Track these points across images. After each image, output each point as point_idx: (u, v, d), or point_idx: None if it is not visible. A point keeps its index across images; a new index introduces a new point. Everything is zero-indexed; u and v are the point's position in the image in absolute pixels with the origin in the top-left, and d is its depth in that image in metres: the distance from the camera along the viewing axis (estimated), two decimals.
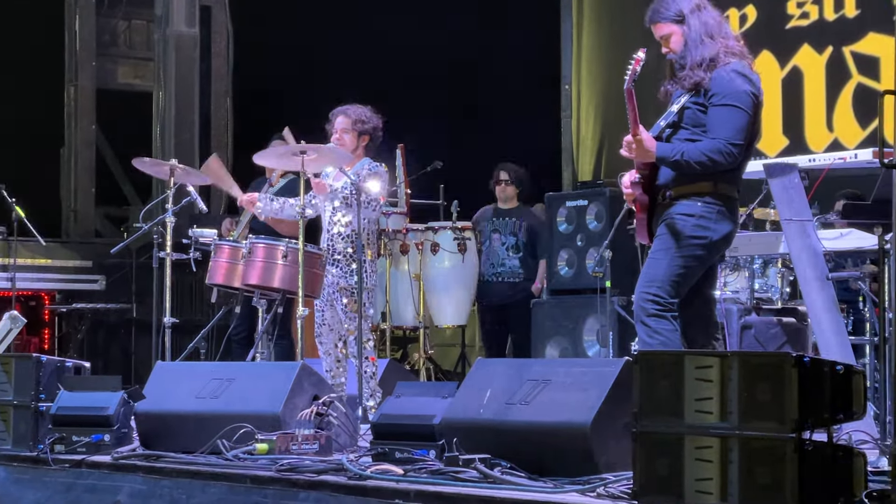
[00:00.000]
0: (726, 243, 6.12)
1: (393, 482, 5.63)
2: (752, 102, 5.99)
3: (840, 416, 4.65)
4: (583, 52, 11.99)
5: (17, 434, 7.18)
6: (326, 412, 6.64)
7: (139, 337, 13.05)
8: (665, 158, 6.07)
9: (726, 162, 5.94)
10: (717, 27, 6.16)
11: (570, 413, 5.66)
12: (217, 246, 8.77)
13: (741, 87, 5.99)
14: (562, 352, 10.19)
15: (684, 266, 6.03)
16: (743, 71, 6.04)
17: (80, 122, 14.11)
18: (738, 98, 5.97)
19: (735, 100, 5.97)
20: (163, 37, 14.17)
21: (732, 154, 5.94)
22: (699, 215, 6.01)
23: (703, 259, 6.07)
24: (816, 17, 10.12)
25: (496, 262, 10.85)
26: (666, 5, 6.28)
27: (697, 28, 6.15)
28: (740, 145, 5.95)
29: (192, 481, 6.28)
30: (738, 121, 5.97)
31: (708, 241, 6.02)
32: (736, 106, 5.97)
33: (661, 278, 6.03)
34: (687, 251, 6.03)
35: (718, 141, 5.96)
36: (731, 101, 5.98)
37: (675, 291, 6.03)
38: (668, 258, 6.05)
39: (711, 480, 4.70)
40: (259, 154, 8.43)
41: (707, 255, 6.07)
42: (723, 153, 5.94)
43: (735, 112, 5.97)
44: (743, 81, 6.00)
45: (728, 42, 6.14)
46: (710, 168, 5.96)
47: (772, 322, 8.27)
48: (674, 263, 6.04)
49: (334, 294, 8.33)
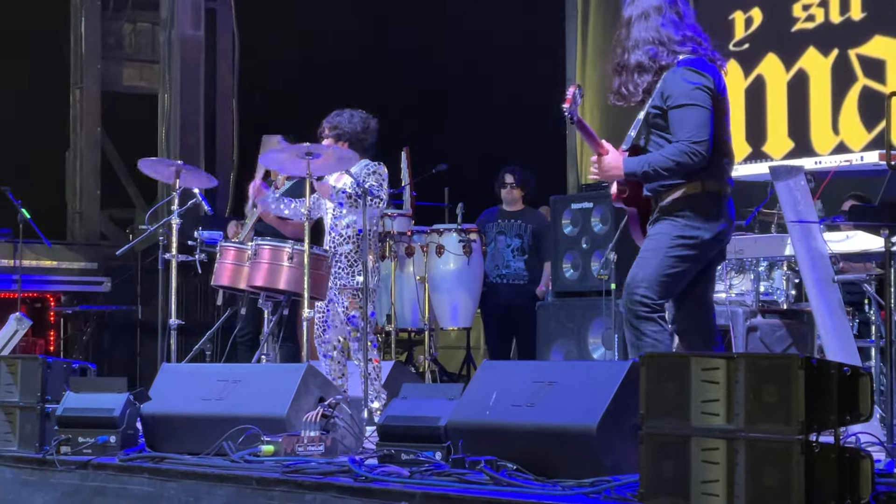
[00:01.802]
0: (719, 242, 6.05)
1: (399, 484, 5.63)
2: (703, 95, 5.94)
3: (847, 418, 4.65)
4: (587, 53, 12.00)
5: (22, 435, 7.19)
6: (332, 414, 6.64)
7: (145, 338, 13.06)
8: (634, 173, 6.06)
9: (694, 161, 5.90)
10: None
11: (576, 415, 5.66)
12: (223, 248, 8.78)
13: (691, 82, 5.95)
14: (567, 354, 10.19)
15: (673, 266, 5.97)
16: (692, 66, 6.01)
17: (85, 125, 14.12)
18: (693, 95, 5.94)
19: (686, 98, 5.93)
20: (168, 39, 14.18)
21: (698, 152, 5.89)
22: (689, 216, 5.98)
23: (695, 259, 6.00)
24: (822, 19, 10.12)
25: (501, 265, 10.86)
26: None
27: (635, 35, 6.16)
28: (703, 141, 5.89)
29: (198, 483, 6.28)
30: (693, 118, 5.92)
31: (698, 241, 5.98)
32: (687, 104, 5.93)
33: (649, 279, 5.97)
34: (676, 251, 5.98)
35: (681, 143, 5.92)
36: (683, 101, 5.94)
37: (663, 292, 5.97)
38: (658, 258, 5.99)
39: (718, 482, 4.70)
40: (263, 156, 8.43)
41: (698, 255, 6.00)
42: (687, 154, 5.89)
43: (688, 110, 5.93)
44: (692, 77, 5.97)
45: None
46: (679, 172, 5.93)
47: (777, 324, 8.27)
48: (663, 264, 5.98)
49: (336, 295, 8.34)
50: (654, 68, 6.04)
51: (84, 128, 14.12)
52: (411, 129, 12.30)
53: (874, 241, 7.28)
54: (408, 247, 10.61)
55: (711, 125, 5.92)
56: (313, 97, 13.18)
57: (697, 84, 5.93)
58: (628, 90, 6.10)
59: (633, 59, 6.09)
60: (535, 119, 12.71)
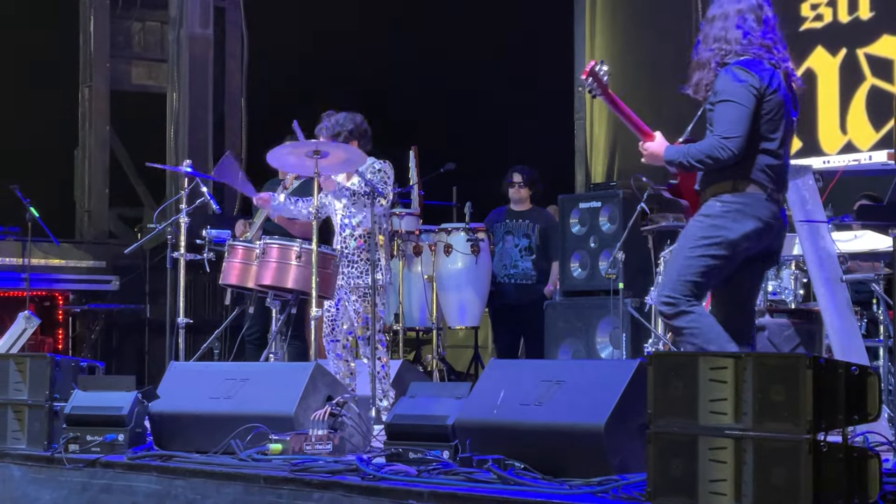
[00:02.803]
0: (749, 241, 5.97)
1: (407, 483, 5.64)
2: (745, 93, 5.96)
3: (855, 417, 4.64)
4: (596, 53, 12.00)
5: (31, 433, 7.20)
6: (340, 412, 6.65)
7: (153, 337, 13.07)
8: (672, 161, 6.10)
9: (724, 157, 5.91)
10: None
11: (584, 414, 5.66)
12: (231, 246, 8.79)
13: (737, 79, 5.98)
14: (575, 353, 10.20)
15: (698, 266, 5.96)
16: (743, 65, 6.04)
17: (94, 124, 14.13)
18: (733, 92, 5.96)
19: (732, 94, 5.97)
20: (177, 38, 14.19)
21: (727, 148, 5.91)
22: (715, 215, 5.97)
23: (722, 258, 5.95)
24: (830, 19, 10.12)
25: (509, 264, 10.86)
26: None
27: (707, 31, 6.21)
28: (734, 138, 5.91)
29: (206, 481, 6.29)
30: (729, 115, 5.95)
31: (723, 240, 5.94)
32: (731, 101, 5.96)
33: (672, 281, 5.99)
34: (700, 251, 5.97)
35: (714, 137, 5.97)
36: (724, 97, 5.98)
37: (689, 291, 5.94)
38: (681, 258, 6.01)
39: (726, 481, 4.70)
40: (272, 154, 8.43)
41: (726, 255, 5.95)
42: (717, 148, 5.92)
43: (726, 106, 5.97)
44: (740, 75, 6.00)
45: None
46: (711, 165, 5.96)
47: (786, 324, 8.27)
48: (686, 263, 5.98)
49: (346, 294, 8.35)
50: (717, 66, 6.08)
51: (93, 126, 14.13)
52: (419, 128, 12.30)
53: (882, 240, 7.28)
54: (416, 246, 10.61)
55: (747, 124, 5.93)
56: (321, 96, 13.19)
57: (742, 82, 5.97)
58: (699, 84, 6.14)
59: (704, 56, 6.14)
60: (544, 118, 12.73)
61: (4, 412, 7.32)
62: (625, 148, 11.66)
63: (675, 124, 11.13)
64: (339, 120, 8.51)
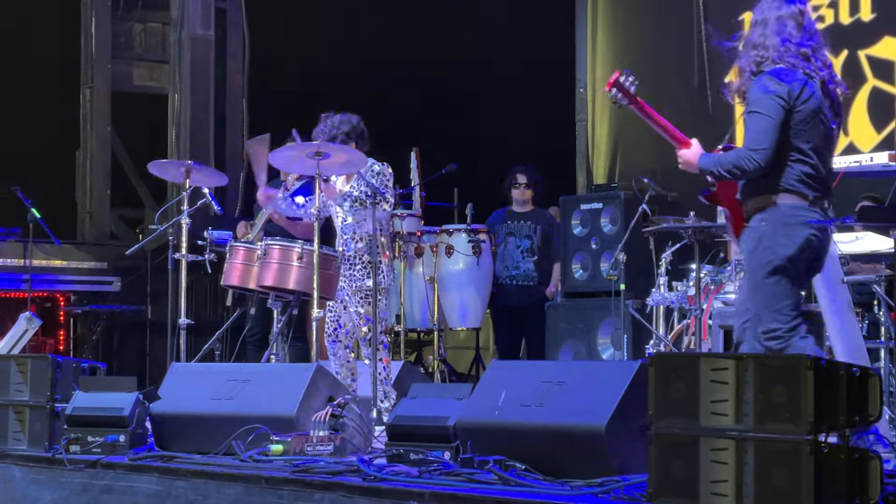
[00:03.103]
0: (808, 249, 5.97)
1: (408, 483, 5.64)
2: (773, 104, 5.97)
3: (855, 418, 4.65)
4: (597, 55, 12.00)
5: (32, 434, 7.21)
6: (341, 414, 6.65)
7: (154, 338, 13.07)
8: (704, 171, 6.13)
9: (751, 168, 5.93)
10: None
11: (585, 415, 5.66)
12: (232, 247, 8.78)
13: (764, 88, 5.99)
14: (576, 354, 10.20)
15: (778, 292, 5.94)
16: (773, 74, 6.04)
17: (95, 125, 14.13)
18: (761, 103, 5.98)
19: (759, 105, 5.98)
20: (178, 39, 14.18)
21: (753, 160, 5.92)
22: (767, 236, 5.96)
23: (792, 275, 5.94)
24: (832, 20, 10.11)
25: (511, 265, 10.86)
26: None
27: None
28: (761, 150, 5.91)
29: (207, 482, 6.29)
30: (757, 126, 5.96)
31: (783, 259, 5.92)
32: (758, 112, 5.98)
33: (766, 315, 5.93)
34: (772, 278, 5.93)
35: (742, 148, 6.00)
36: (752, 108, 5.99)
37: (784, 319, 5.90)
38: (759, 290, 5.96)
39: (727, 482, 4.70)
40: (274, 155, 8.43)
41: (793, 270, 5.94)
42: (744, 160, 5.94)
43: (754, 117, 5.98)
44: (768, 84, 6.01)
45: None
46: (740, 176, 6.00)
47: None
48: (767, 293, 5.94)
49: (349, 296, 8.35)
50: (751, 74, 6.10)
51: (94, 127, 14.12)
52: (421, 129, 12.30)
53: (884, 241, 7.27)
54: (417, 247, 10.61)
55: (774, 135, 5.93)
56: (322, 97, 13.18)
57: (770, 92, 5.97)
58: (738, 91, 6.19)
59: (741, 62, 6.17)
60: (545, 119, 12.73)
61: (5, 413, 7.33)
62: (626, 149, 11.66)
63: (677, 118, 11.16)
64: (335, 122, 8.50)
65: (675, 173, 10.83)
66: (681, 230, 8.83)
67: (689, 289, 8.83)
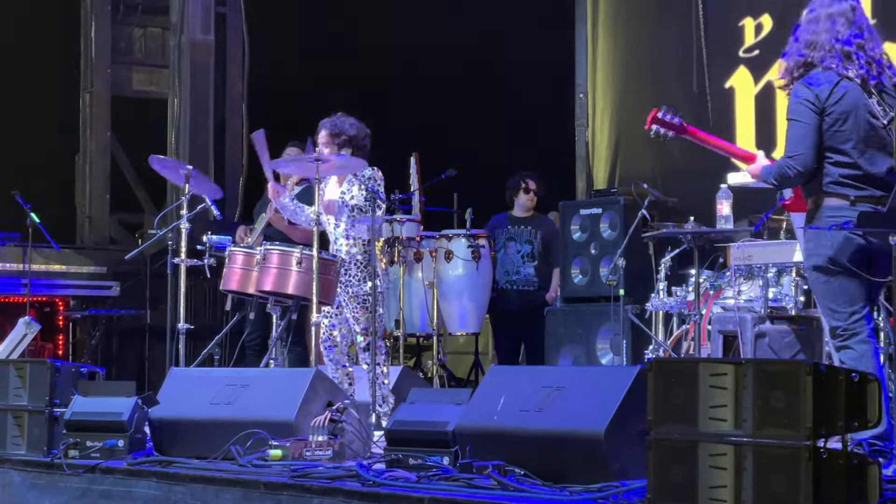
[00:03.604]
0: (844, 251, 6.07)
1: (407, 489, 5.64)
2: (804, 109, 6.07)
3: (855, 424, 4.64)
4: (597, 60, 12.00)
5: (31, 439, 7.20)
6: (340, 418, 6.64)
7: (153, 343, 13.06)
8: (760, 178, 6.27)
9: (791, 175, 6.09)
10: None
11: (584, 420, 5.66)
12: (231, 252, 8.78)
13: (795, 97, 6.13)
14: (575, 360, 10.19)
15: (828, 293, 6.14)
16: (806, 81, 6.12)
17: (95, 129, 14.12)
18: (793, 111, 6.12)
19: (792, 113, 6.13)
20: (178, 44, 14.18)
21: (792, 167, 6.08)
22: (809, 238, 6.16)
23: (839, 275, 6.10)
24: None
25: (511, 270, 10.86)
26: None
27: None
28: (797, 156, 6.07)
29: (206, 487, 6.29)
30: (792, 134, 6.12)
31: (827, 259, 6.09)
32: (792, 119, 6.13)
33: (825, 313, 6.20)
34: (822, 279, 6.14)
35: (782, 157, 6.16)
36: (788, 116, 6.15)
37: (841, 317, 6.12)
38: (818, 295, 6.25)
39: (725, 488, 4.70)
40: (273, 163, 8.44)
41: (839, 270, 6.09)
42: (784, 167, 6.11)
43: (789, 125, 6.14)
44: (799, 91, 6.11)
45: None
46: (785, 184, 6.18)
47: (786, 330, 8.27)
48: (821, 293, 6.20)
49: (345, 301, 8.34)
50: (792, 80, 6.22)
51: (94, 132, 14.12)
52: (420, 134, 12.30)
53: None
54: (416, 252, 10.60)
55: (809, 140, 6.05)
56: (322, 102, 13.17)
57: (800, 98, 6.11)
58: (787, 91, 6.30)
59: (790, 63, 6.27)
60: (544, 125, 12.72)
61: (4, 418, 7.33)
62: (626, 155, 11.65)
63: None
64: (343, 124, 8.48)
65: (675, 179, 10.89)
66: (680, 235, 8.83)
67: (688, 294, 8.83)
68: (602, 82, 11.92)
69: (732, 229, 8.59)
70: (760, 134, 10.48)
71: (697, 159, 10.92)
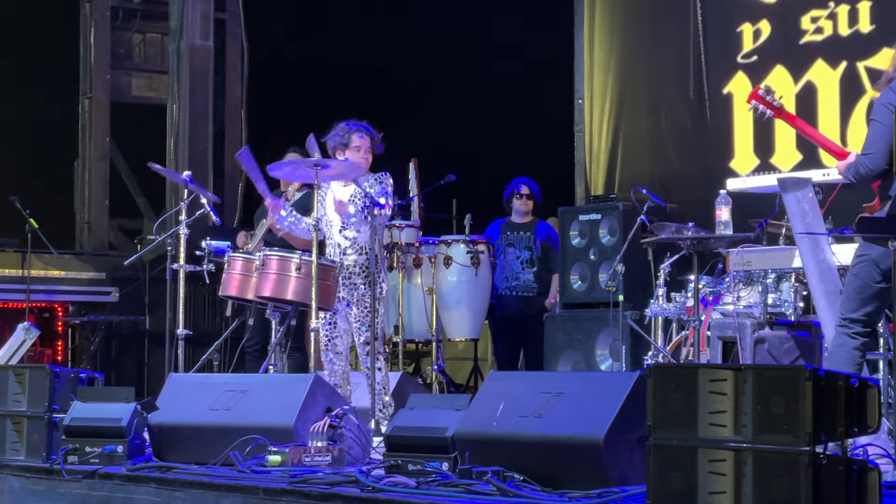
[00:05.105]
0: (888, 258, 6.15)
1: (406, 495, 5.63)
2: (886, 111, 6.21)
3: (854, 429, 4.64)
4: (595, 66, 12.00)
5: (30, 445, 7.20)
6: (339, 424, 6.64)
7: (152, 348, 13.06)
8: (842, 174, 6.46)
9: (863, 172, 6.27)
10: None
11: (583, 426, 5.66)
12: (230, 258, 8.78)
13: (881, 100, 6.28)
14: (574, 365, 10.19)
15: (853, 283, 6.37)
16: (893, 86, 6.28)
17: (94, 135, 14.13)
18: (875, 112, 6.29)
19: (873, 114, 6.30)
20: (177, 50, 14.20)
21: (864, 165, 6.27)
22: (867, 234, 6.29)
23: (870, 276, 6.30)
24: (831, 31, 10.12)
25: (510, 276, 10.86)
26: None
27: None
28: (870, 154, 6.26)
29: (205, 493, 6.28)
30: (871, 133, 6.28)
31: (865, 258, 6.30)
32: (872, 119, 6.30)
33: (843, 297, 6.45)
34: (854, 269, 6.38)
35: (858, 154, 6.36)
36: (871, 116, 6.32)
37: (850, 308, 6.36)
38: (848, 277, 6.46)
39: (725, 494, 4.69)
40: (272, 166, 8.43)
41: (873, 272, 6.28)
42: (859, 165, 6.30)
43: (872, 126, 6.30)
44: (885, 95, 6.27)
45: None
46: (860, 181, 6.33)
47: (785, 336, 8.27)
48: (849, 280, 6.41)
49: (347, 306, 8.34)
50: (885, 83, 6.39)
51: (93, 138, 14.13)
52: (419, 139, 12.31)
53: None
54: (416, 258, 10.61)
55: (883, 140, 6.22)
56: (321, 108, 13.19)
57: (884, 101, 6.26)
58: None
59: (890, 72, 6.43)
60: (544, 130, 12.73)
61: (3, 423, 7.32)
62: (625, 160, 11.66)
63: (674, 132, 11.18)
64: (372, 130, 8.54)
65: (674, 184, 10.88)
66: (679, 241, 8.83)
67: (687, 300, 8.83)
68: (600, 88, 11.92)
69: (732, 235, 8.59)
70: (758, 139, 10.48)
71: (696, 165, 10.94)
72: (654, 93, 11.49)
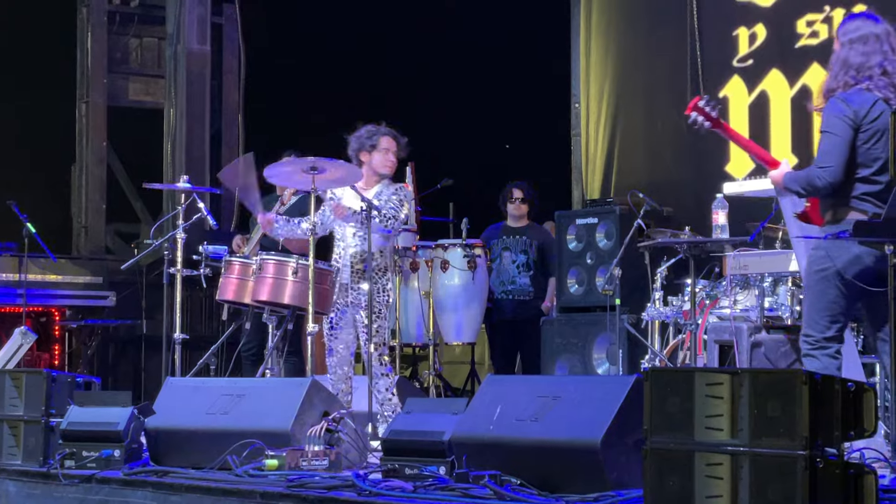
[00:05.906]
0: (857, 266, 6.16)
1: (403, 499, 5.63)
2: (840, 123, 6.17)
3: (851, 433, 4.64)
4: (592, 70, 12.01)
5: (27, 449, 7.20)
6: (336, 428, 6.64)
7: (149, 353, 13.07)
8: (788, 189, 6.38)
9: (820, 185, 6.19)
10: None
11: (580, 430, 5.66)
12: (227, 262, 8.79)
13: (832, 112, 6.21)
14: (571, 369, 10.19)
15: (820, 301, 6.22)
16: (843, 97, 6.22)
17: (91, 139, 14.13)
18: (829, 123, 6.22)
19: (826, 126, 6.23)
20: (174, 54, 14.20)
21: (821, 177, 6.19)
22: (823, 246, 6.23)
23: (836, 289, 6.18)
24: (826, 35, 10.13)
25: (507, 280, 10.86)
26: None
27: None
28: (828, 168, 6.17)
29: (202, 497, 6.28)
30: (825, 145, 6.21)
31: (829, 270, 6.19)
32: (824, 131, 6.24)
33: (808, 316, 6.28)
34: (818, 286, 6.24)
35: (812, 167, 6.27)
36: (823, 128, 6.25)
37: (821, 327, 6.22)
38: (808, 296, 6.31)
39: (722, 497, 4.69)
40: (269, 170, 8.43)
41: (838, 285, 6.18)
42: (814, 178, 6.21)
43: (823, 137, 6.23)
44: (835, 107, 6.20)
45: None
46: (813, 193, 6.27)
47: (782, 340, 8.27)
48: (812, 300, 6.26)
49: (354, 310, 8.32)
50: (836, 90, 6.31)
51: (90, 142, 14.13)
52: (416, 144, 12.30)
53: None
54: (412, 262, 10.61)
55: (841, 153, 6.16)
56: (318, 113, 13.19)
57: (837, 113, 6.21)
58: (818, 109, 6.43)
59: (828, 83, 6.38)
60: (540, 134, 12.74)
61: (0, 428, 7.32)
62: (621, 164, 11.67)
63: (670, 136, 11.18)
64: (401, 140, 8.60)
65: (670, 188, 10.88)
66: (676, 245, 8.84)
67: (684, 304, 8.83)
68: (597, 92, 11.93)
69: (728, 238, 8.60)
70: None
71: (692, 169, 10.94)
72: (650, 97, 11.50)
